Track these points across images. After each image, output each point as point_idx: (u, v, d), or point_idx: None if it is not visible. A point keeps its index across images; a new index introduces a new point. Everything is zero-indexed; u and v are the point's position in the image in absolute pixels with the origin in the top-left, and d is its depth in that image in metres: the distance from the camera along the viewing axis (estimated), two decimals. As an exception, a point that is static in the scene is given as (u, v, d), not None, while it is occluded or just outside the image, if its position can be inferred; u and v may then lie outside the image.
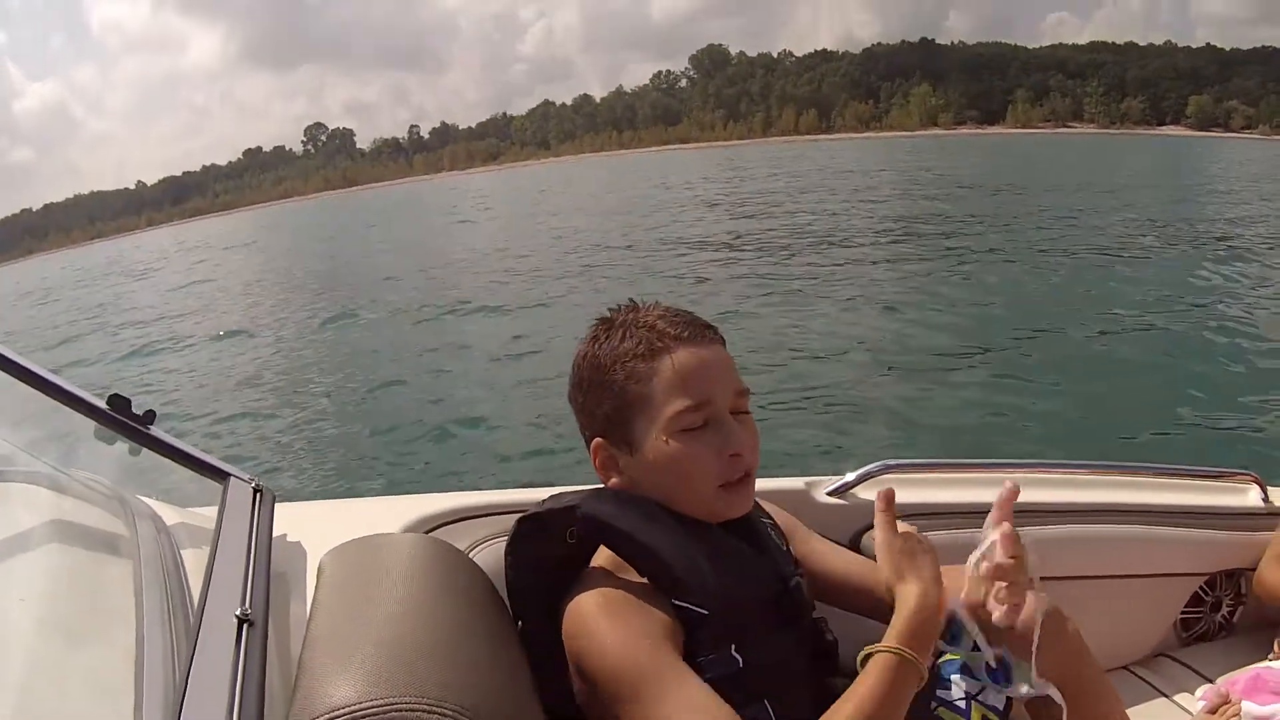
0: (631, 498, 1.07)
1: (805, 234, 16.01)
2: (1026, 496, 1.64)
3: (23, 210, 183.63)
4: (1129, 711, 1.28)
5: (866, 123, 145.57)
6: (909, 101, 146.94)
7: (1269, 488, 1.81)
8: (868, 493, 1.57)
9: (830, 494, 1.55)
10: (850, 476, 1.57)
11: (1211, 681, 1.62)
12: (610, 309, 1.13)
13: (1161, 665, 1.73)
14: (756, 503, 1.21)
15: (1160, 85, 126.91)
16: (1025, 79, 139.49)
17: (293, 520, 1.30)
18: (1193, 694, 1.61)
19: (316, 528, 1.24)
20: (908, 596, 1.02)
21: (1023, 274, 10.86)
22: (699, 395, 1.03)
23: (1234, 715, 1.36)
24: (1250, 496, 1.80)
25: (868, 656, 0.99)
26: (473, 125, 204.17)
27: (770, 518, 1.22)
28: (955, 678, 1.13)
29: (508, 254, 17.70)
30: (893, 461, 1.61)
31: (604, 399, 1.06)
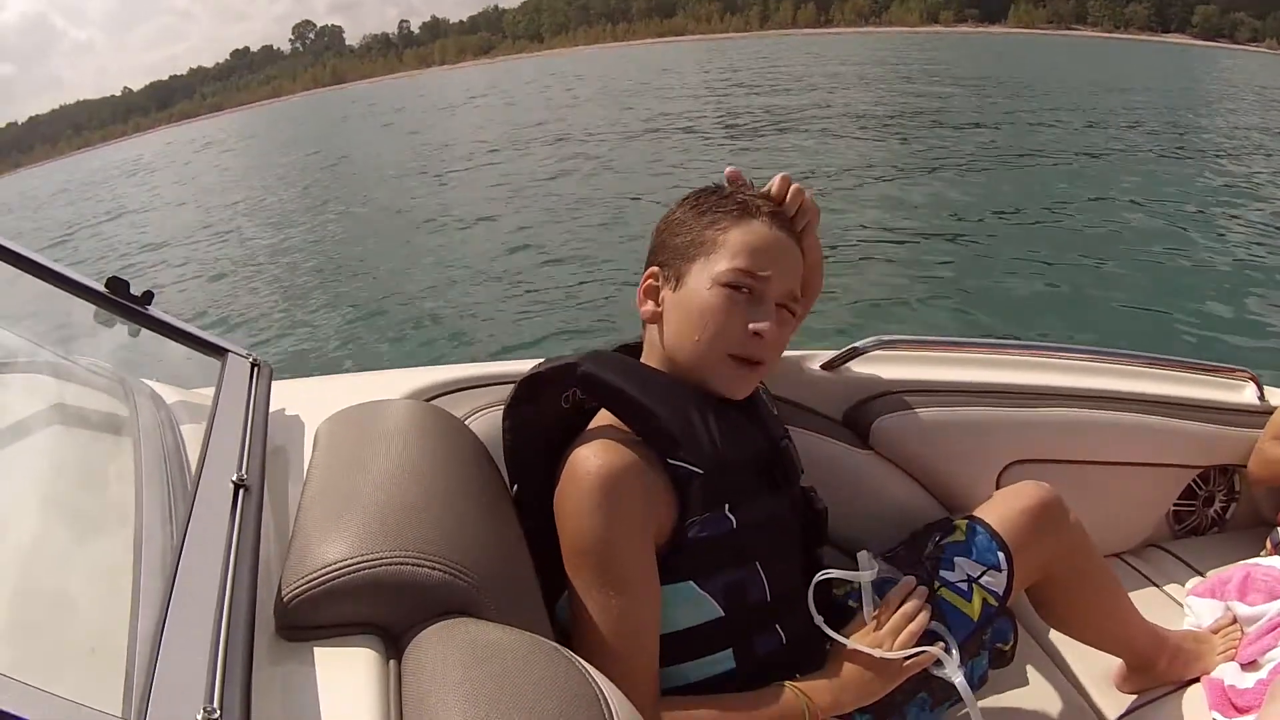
0: (630, 362, 1.11)
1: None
2: (1023, 379, 1.62)
3: (8, 125, 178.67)
4: None
5: (866, 18, 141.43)
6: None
7: (1265, 387, 1.80)
8: (861, 367, 1.57)
9: (824, 367, 1.55)
10: (844, 350, 1.56)
11: (1202, 574, 1.62)
12: None
13: (1152, 555, 1.75)
14: None
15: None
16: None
17: (292, 396, 1.30)
18: (1182, 585, 1.62)
19: (315, 401, 1.24)
20: (851, 676, 1.07)
21: (1026, 169, 10.72)
22: (759, 266, 1.07)
23: (1236, 639, 1.34)
24: (1246, 394, 1.79)
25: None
26: (464, 19, 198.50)
27: (763, 384, 1.24)
28: (959, 560, 1.12)
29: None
30: (887, 337, 1.57)
31: (682, 232, 1.12)
